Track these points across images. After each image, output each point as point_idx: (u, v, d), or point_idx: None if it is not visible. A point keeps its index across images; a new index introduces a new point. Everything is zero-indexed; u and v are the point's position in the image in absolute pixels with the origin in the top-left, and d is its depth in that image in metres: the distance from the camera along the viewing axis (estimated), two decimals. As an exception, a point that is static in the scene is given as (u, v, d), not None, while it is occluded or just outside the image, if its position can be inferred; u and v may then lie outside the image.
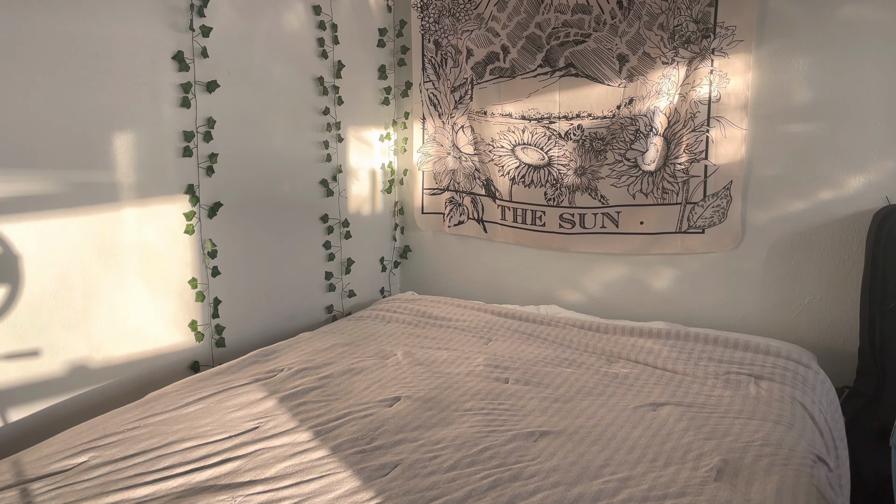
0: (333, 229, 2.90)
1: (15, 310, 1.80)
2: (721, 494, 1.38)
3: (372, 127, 3.11)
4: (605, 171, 2.78)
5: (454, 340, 2.44)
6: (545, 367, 2.14)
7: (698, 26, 2.51)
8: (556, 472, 1.47)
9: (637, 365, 2.16)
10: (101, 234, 1.99)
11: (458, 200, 3.13)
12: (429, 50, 3.05)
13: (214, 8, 2.24)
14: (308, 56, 2.69)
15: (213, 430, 1.65)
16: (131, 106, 2.04)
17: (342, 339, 2.39)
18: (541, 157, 2.89)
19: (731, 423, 1.72)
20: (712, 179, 2.62)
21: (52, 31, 1.81)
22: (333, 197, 2.88)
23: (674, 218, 2.70)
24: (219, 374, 2.05)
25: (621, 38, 2.66)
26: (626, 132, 2.70)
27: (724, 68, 2.53)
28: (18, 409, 1.82)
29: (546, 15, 2.77)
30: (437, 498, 1.37)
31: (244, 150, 2.43)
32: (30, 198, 1.81)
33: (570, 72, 2.78)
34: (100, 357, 2.01)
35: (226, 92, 2.31)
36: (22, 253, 1.80)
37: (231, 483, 1.43)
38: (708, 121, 2.59)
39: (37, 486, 1.41)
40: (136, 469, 1.48)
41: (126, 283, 2.07)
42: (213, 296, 2.34)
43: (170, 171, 2.17)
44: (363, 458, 1.54)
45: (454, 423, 1.72)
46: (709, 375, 2.05)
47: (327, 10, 2.73)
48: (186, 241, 2.24)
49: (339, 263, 2.96)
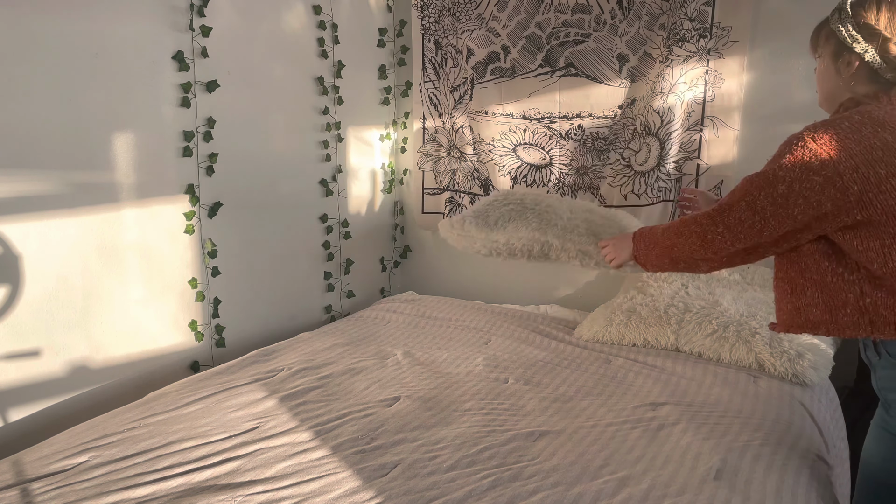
0: (333, 229, 2.90)
1: (15, 310, 1.80)
2: (720, 494, 1.39)
3: (372, 127, 3.11)
4: (607, 171, 2.78)
5: (454, 340, 2.44)
6: (545, 367, 2.15)
7: (694, 25, 2.51)
8: (555, 472, 1.47)
9: (635, 364, 2.16)
10: (102, 234, 1.99)
11: (457, 200, 3.13)
12: (429, 50, 3.05)
13: (214, 8, 2.24)
14: (308, 56, 2.69)
15: (213, 430, 1.65)
16: (131, 106, 2.04)
17: (342, 339, 2.39)
18: (542, 157, 2.89)
19: (730, 423, 1.72)
20: (703, 178, 2.63)
21: (53, 31, 1.81)
22: (333, 197, 2.89)
23: (666, 217, 2.70)
24: (219, 374, 2.05)
25: (621, 38, 2.66)
26: (627, 132, 2.71)
27: (718, 69, 2.53)
28: (18, 409, 1.83)
29: (546, 15, 2.78)
30: (437, 498, 1.37)
31: (244, 150, 2.43)
32: (30, 198, 1.81)
33: (571, 72, 2.78)
34: (100, 357, 2.01)
35: (226, 92, 2.31)
36: (22, 253, 1.80)
37: (231, 483, 1.43)
38: (702, 120, 2.59)
39: (37, 486, 1.41)
40: (136, 469, 1.48)
41: (126, 283, 2.07)
42: (213, 296, 2.35)
43: (170, 171, 2.18)
44: (363, 457, 1.54)
45: (454, 422, 1.72)
46: (707, 374, 2.05)
47: (327, 10, 2.73)
48: (186, 241, 2.24)
49: (339, 264, 2.96)
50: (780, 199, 1.32)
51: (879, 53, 1.33)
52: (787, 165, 1.32)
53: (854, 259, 1.32)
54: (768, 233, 1.36)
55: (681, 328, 2.25)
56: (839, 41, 1.38)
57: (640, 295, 2.42)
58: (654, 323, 2.29)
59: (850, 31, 1.36)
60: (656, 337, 2.29)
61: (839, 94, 1.42)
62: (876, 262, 1.29)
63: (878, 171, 1.27)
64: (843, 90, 1.41)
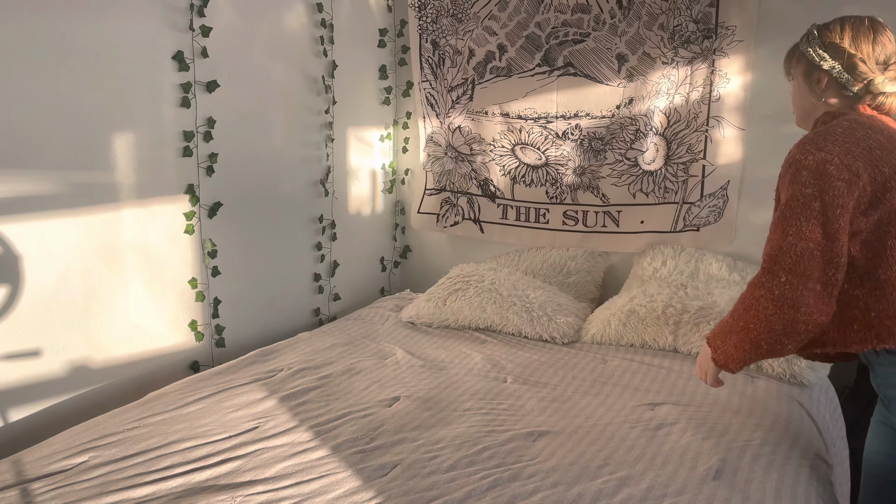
0: (328, 229, 2.90)
1: (15, 310, 1.80)
2: (720, 493, 1.39)
3: (372, 127, 3.11)
4: (605, 171, 2.78)
5: (453, 340, 2.44)
6: (543, 367, 2.15)
7: (698, 26, 2.51)
8: (555, 472, 1.47)
9: (633, 363, 2.16)
10: (102, 234, 1.99)
11: (453, 201, 3.13)
12: (426, 49, 3.05)
13: (214, 8, 2.24)
14: (308, 56, 2.69)
15: (213, 430, 1.66)
16: (131, 106, 2.04)
17: (341, 339, 2.40)
18: (538, 157, 2.89)
19: (729, 422, 1.72)
20: (710, 179, 2.63)
21: (53, 31, 1.81)
22: (331, 197, 2.88)
23: (670, 218, 2.70)
24: (219, 374, 2.05)
25: (621, 37, 2.66)
26: (625, 132, 2.71)
27: (724, 68, 2.53)
28: (18, 409, 1.83)
29: (546, 14, 2.78)
30: (437, 498, 1.38)
31: (244, 150, 2.43)
32: (30, 198, 1.81)
33: (569, 71, 2.78)
34: (100, 357, 2.02)
35: (226, 92, 2.31)
36: (22, 253, 1.80)
37: (231, 483, 1.43)
38: (707, 121, 2.59)
39: (37, 486, 1.41)
40: (136, 469, 1.48)
41: (126, 283, 2.07)
42: (213, 296, 2.35)
43: (170, 171, 2.18)
44: (363, 457, 1.55)
45: (453, 422, 1.73)
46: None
47: (327, 10, 2.73)
48: (186, 241, 2.24)
49: (329, 264, 2.96)
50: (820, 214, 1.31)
51: (846, 69, 1.43)
52: (811, 181, 1.32)
53: (860, 270, 1.35)
54: (829, 248, 1.31)
55: (678, 329, 2.25)
56: (809, 61, 1.48)
57: (640, 296, 2.42)
58: (651, 324, 2.30)
59: (817, 51, 1.47)
60: (654, 338, 2.29)
61: (813, 111, 1.52)
62: (881, 267, 1.33)
63: (883, 171, 1.33)
64: (817, 106, 1.50)
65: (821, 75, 1.47)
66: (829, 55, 1.45)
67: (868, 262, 1.35)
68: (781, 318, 1.33)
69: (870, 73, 1.42)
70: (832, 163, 1.31)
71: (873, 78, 1.42)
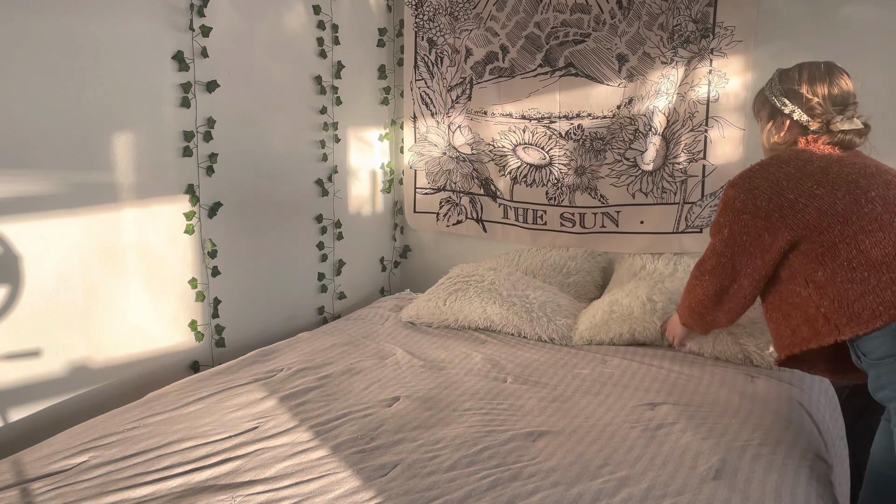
0: (331, 229, 2.90)
1: (15, 310, 1.80)
2: (720, 493, 1.39)
3: (371, 127, 3.11)
4: (604, 171, 2.78)
5: (453, 339, 2.44)
6: (543, 367, 2.15)
7: (697, 26, 2.51)
8: (555, 472, 1.47)
9: (632, 363, 2.16)
10: (102, 234, 1.99)
11: (455, 200, 3.13)
12: (422, 48, 3.04)
13: (214, 8, 2.24)
14: (308, 56, 2.69)
15: (213, 430, 1.66)
16: (131, 106, 2.04)
17: (341, 339, 2.40)
18: (542, 157, 2.89)
19: (728, 422, 1.72)
20: (710, 179, 2.63)
21: (53, 31, 1.81)
22: (332, 196, 2.89)
23: (672, 218, 2.70)
24: (219, 374, 2.05)
25: (621, 37, 2.66)
26: (625, 132, 2.71)
27: (722, 68, 2.53)
28: (18, 409, 1.83)
29: (545, 14, 2.77)
30: (437, 498, 1.38)
31: (244, 150, 2.43)
32: (30, 198, 1.81)
33: (570, 71, 2.78)
34: (100, 357, 2.02)
35: (226, 92, 2.31)
36: (22, 253, 1.80)
37: (231, 483, 1.43)
38: (706, 121, 2.59)
39: (37, 486, 1.41)
40: (136, 469, 1.48)
41: (126, 283, 2.07)
42: (213, 296, 2.35)
43: (170, 171, 2.18)
44: (363, 457, 1.55)
45: (453, 422, 1.73)
46: (704, 374, 2.06)
47: (327, 10, 2.73)
48: (186, 241, 2.24)
49: (332, 264, 2.96)
50: (730, 240, 1.62)
51: (805, 111, 1.62)
52: (722, 211, 1.64)
53: (803, 276, 1.54)
54: (741, 269, 1.63)
55: (665, 317, 2.26)
56: (773, 106, 1.68)
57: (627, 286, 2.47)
58: (639, 313, 2.30)
59: (779, 97, 1.66)
60: (644, 326, 2.29)
61: (779, 150, 1.69)
62: (819, 270, 1.50)
63: (788, 197, 1.53)
64: (781, 145, 1.69)
65: (783, 118, 1.66)
66: (789, 100, 1.64)
67: (808, 271, 1.52)
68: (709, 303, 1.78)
69: (826, 114, 1.59)
70: (739, 199, 1.60)
71: (831, 118, 1.59)
